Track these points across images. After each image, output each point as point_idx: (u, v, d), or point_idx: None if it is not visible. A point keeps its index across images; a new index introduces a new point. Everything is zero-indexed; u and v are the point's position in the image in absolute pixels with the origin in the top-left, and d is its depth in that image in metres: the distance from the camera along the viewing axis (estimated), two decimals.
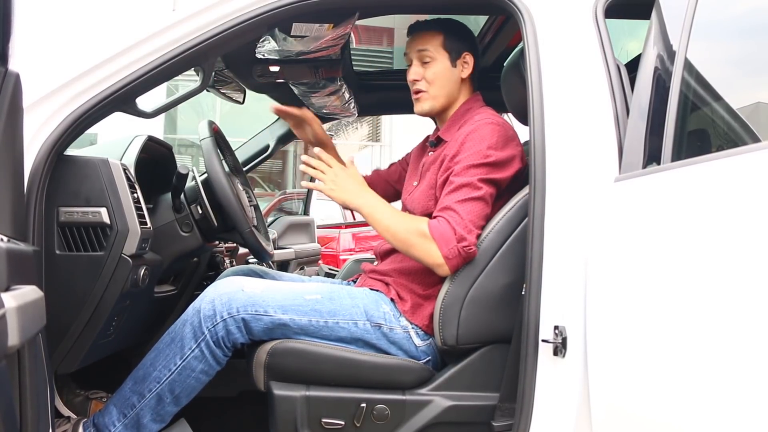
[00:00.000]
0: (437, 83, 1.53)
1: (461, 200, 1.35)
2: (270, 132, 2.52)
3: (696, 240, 0.87)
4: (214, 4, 1.25)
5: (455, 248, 1.31)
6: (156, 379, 1.35)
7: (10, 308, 0.68)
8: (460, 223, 1.32)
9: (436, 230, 1.33)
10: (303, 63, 1.77)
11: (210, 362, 1.34)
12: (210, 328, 1.33)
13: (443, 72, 1.53)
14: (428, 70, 1.53)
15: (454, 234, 1.31)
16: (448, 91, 1.54)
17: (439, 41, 1.53)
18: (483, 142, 1.38)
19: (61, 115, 1.17)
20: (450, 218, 1.33)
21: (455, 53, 1.53)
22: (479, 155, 1.37)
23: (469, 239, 1.32)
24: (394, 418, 1.32)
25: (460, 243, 1.31)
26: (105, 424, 1.36)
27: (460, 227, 1.32)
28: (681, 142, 1.00)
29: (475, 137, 1.40)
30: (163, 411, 1.36)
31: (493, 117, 1.46)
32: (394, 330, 1.39)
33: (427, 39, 1.53)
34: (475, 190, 1.35)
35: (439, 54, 1.52)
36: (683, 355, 0.88)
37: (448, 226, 1.32)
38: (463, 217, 1.33)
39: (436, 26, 1.54)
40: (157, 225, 1.53)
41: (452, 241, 1.31)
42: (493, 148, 1.37)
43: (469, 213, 1.34)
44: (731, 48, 1.03)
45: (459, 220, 1.33)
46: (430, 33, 1.54)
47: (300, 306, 1.37)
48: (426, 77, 1.53)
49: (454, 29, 1.55)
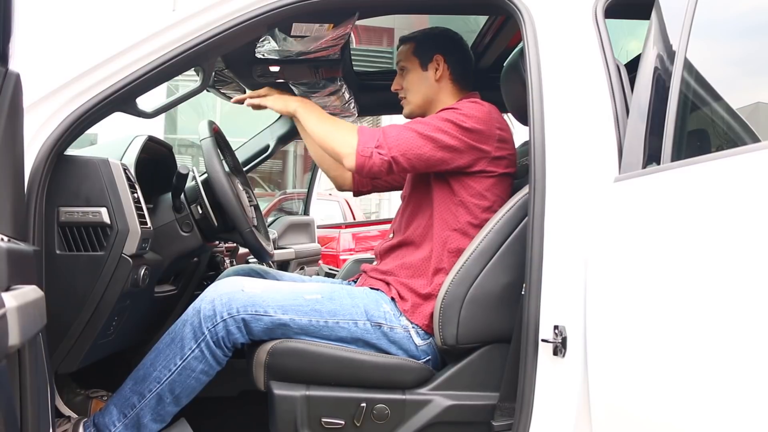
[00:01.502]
0: (412, 89, 1.63)
1: (407, 127, 1.42)
2: (270, 132, 2.52)
3: (696, 240, 0.87)
4: (214, 4, 1.25)
5: (370, 149, 1.39)
6: (156, 379, 1.35)
7: (11, 308, 0.68)
8: (390, 139, 1.40)
9: (365, 130, 1.42)
10: (303, 63, 1.77)
11: (210, 362, 1.34)
12: (210, 329, 1.33)
13: (415, 77, 1.62)
14: (405, 78, 1.64)
15: (376, 140, 1.39)
16: (424, 94, 1.62)
17: (410, 50, 1.63)
18: (465, 109, 1.44)
19: (62, 115, 1.17)
20: (385, 130, 1.41)
21: (425, 57, 1.61)
22: (456, 115, 1.43)
23: (387, 152, 1.39)
24: (394, 417, 1.32)
25: (378, 148, 1.39)
26: (105, 423, 1.36)
27: (388, 141, 1.39)
28: (681, 142, 1.01)
29: (459, 104, 1.48)
30: (164, 411, 1.36)
31: (480, 101, 1.52)
32: (395, 329, 1.40)
33: (402, 51, 1.65)
34: (427, 128, 1.41)
35: (410, 62, 1.63)
36: (683, 354, 0.88)
37: (380, 132, 1.41)
38: (397, 138, 1.40)
39: (411, 37, 1.65)
40: (157, 225, 1.53)
41: (371, 142, 1.39)
42: (472, 117, 1.43)
43: (407, 140, 1.40)
44: (731, 48, 1.03)
45: (392, 136, 1.40)
46: (405, 45, 1.65)
47: (300, 306, 1.37)
48: (404, 86, 1.65)
49: (426, 36, 1.64)
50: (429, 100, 1.62)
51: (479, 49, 2.03)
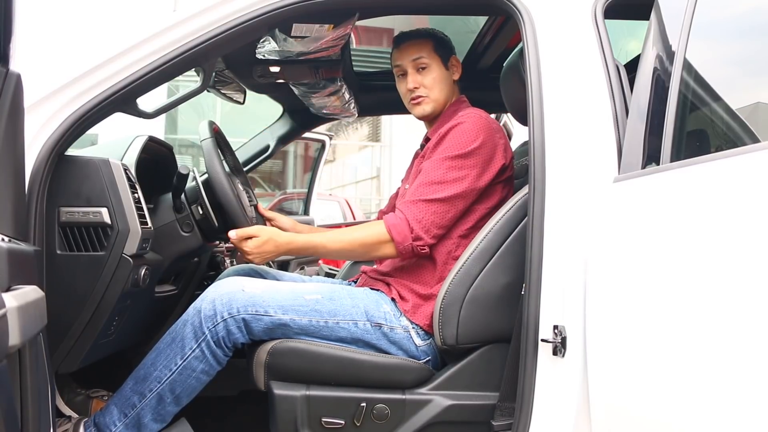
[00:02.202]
0: (436, 87, 1.57)
1: (427, 199, 1.41)
2: (270, 132, 2.52)
3: (695, 240, 0.87)
4: (214, 5, 1.25)
5: (409, 246, 1.40)
6: (157, 379, 1.35)
7: (11, 308, 0.68)
8: (421, 221, 1.40)
9: (394, 229, 1.41)
10: (303, 63, 1.77)
11: (210, 362, 1.34)
12: (210, 328, 1.33)
13: (440, 75, 1.58)
14: (426, 76, 1.57)
15: (411, 233, 1.40)
16: (446, 94, 1.60)
17: (430, 47, 1.57)
18: (464, 134, 1.43)
19: (62, 115, 1.18)
20: (410, 216, 1.41)
21: (445, 57, 1.59)
22: (458, 146, 1.42)
23: (425, 240, 1.39)
24: (394, 417, 1.32)
25: (416, 242, 1.39)
26: (106, 423, 1.36)
27: (419, 226, 1.40)
28: (680, 142, 1.01)
29: (457, 130, 1.45)
30: (164, 411, 1.36)
31: (476, 111, 1.51)
32: (395, 330, 1.40)
33: (420, 46, 1.57)
34: (442, 188, 1.40)
35: (434, 59, 1.57)
36: (682, 354, 0.88)
37: (406, 225, 1.40)
38: (425, 216, 1.40)
39: (424, 34, 1.59)
40: (157, 225, 1.53)
41: (407, 240, 1.40)
42: (474, 139, 1.42)
43: (432, 213, 1.40)
44: (730, 48, 1.03)
45: (420, 218, 1.40)
46: (420, 41, 1.58)
47: (300, 306, 1.37)
48: (425, 84, 1.57)
49: (438, 36, 1.61)
50: (448, 100, 1.61)
51: (479, 49, 2.03)
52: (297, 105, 2.24)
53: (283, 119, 2.51)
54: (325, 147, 3.38)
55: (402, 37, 1.62)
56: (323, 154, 3.41)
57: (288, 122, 2.51)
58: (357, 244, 1.45)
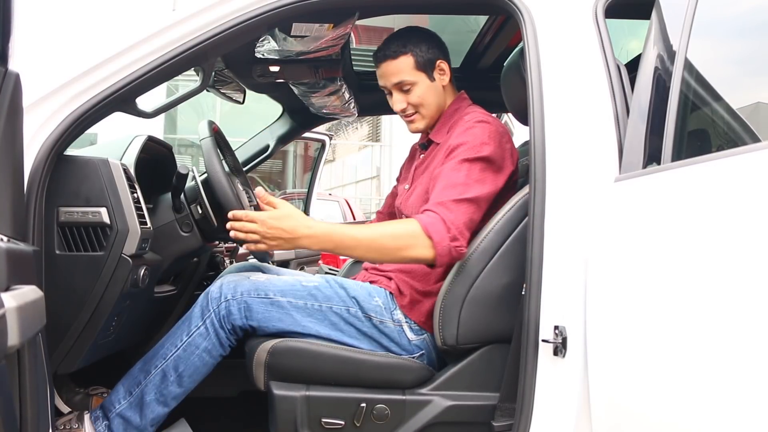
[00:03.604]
0: (425, 103, 1.52)
1: (456, 199, 1.34)
2: (270, 132, 2.52)
3: (696, 240, 0.87)
4: (214, 4, 1.25)
5: (447, 246, 1.30)
6: (162, 356, 1.40)
7: (10, 308, 0.68)
8: (455, 222, 1.31)
9: (431, 227, 1.30)
10: (303, 63, 1.77)
11: (213, 341, 1.38)
12: (215, 308, 1.39)
13: (426, 91, 1.51)
14: (411, 95, 1.51)
15: (448, 232, 1.30)
16: (437, 104, 1.54)
17: (410, 65, 1.49)
18: (476, 138, 1.39)
19: (61, 115, 1.17)
20: (444, 216, 1.32)
21: (429, 67, 1.51)
22: (473, 150, 1.38)
23: (461, 241, 1.32)
24: (394, 417, 1.32)
25: (453, 242, 1.31)
26: (111, 401, 1.40)
27: (454, 227, 1.31)
28: (681, 142, 1.00)
29: (467, 134, 1.40)
30: (166, 390, 1.38)
31: (483, 115, 1.47)
32: (385, 323, 1.42)
33: (399, 68, 1.49)
34: (468, 189, 1.36)
35: (417, 77, 1.50)
36: (683, 355, 0.87)
37: (443, 225, 1.31)
38: (458, 217, 1.33)
39: (402, 48, 1.49)
40: (157, 225, 1.53)
41: (446, 240, 1.30)
42: (486, 143, 1.39)
43: (464, 214, 1.34)
44: (731, 48, 1.03)
45: (453, 219, 1.32)
46: (399, 59, 1.49)
47: (298, 291, 1.42)
48: (412, 102, 1.52)
49: (420, 44, 1.50)
50: (441, 109, 1.56)
51: (479, 49, 2.03)
52: (297, 105, 2.24)
53: (283, 119, 2.51)
54: (325, 147, 3.38)
55: (380, 57, 1.52)
56: (323, 154, 3.41)
57: (288, 122, 2.51)
58: (389, 237, 1.32)
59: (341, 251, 1.36)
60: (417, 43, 1.50)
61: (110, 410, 1.39)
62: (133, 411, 1.38)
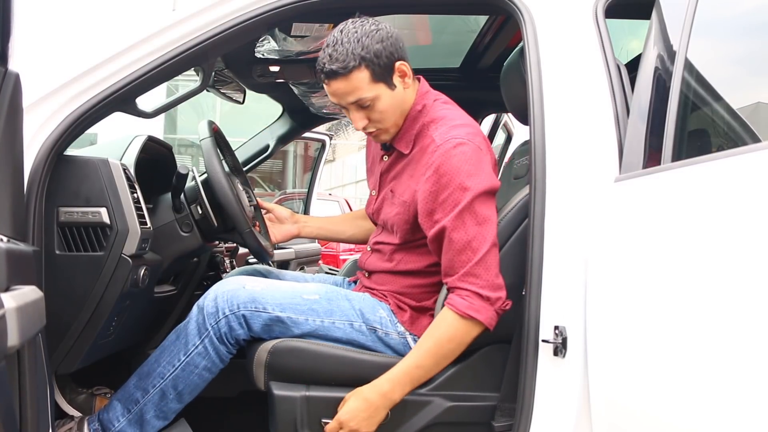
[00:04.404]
0: (387, 115, 1.34)
1: (478, 261, 1.25)
2: (270, 132, 2.52)
3: (696, 240, 0.87)
4: (214, 4, 1.25)
5: (493, 314, 1.26)
6: (160, 375, 1.36)
7: (10, 308, 0.68)
8: (488, 282, 1.25)
9: (471, 310, 1.24)
10: (303, 63, 1.77)
11: (213, 359, 1.35)
12: (213, 325, 1.34)
13: (388, 102, 1.32)
14: (373, 111, 1.33)
15: (488, 302, 1.25)
16: (402, 112, 1.37)
17: (366, 79, 1.28)
18: (460, 173, 1.26)
19: (61, 115, 1.17)
20: (476, 285, 1.25)
21: (388, 75, 1.31)
22: (463, 191, 1.25)
23: (500, 292, 1.26)
24: (394, 418, 1.32)
25: (496, 305, 1.26)
26: (109, 419, 1.37)
27: (489, 288, 1.25)
28: (681, 142, 1.00)
29: (449, 171, 1.26)
30: (166, 408, 1.37)
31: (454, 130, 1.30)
32: (390, 335, 1.39)
33: (354, 85, 1.28)
34: (482, 238, 1.26)
35: (376, 90, 1.30)
36: (683, 355, 0.87)
37: (479, 299, 1.25)
38: (488, 274, 1.26)
39: (353, 61, 1.26)
40: (157, 225, 1.52)
41: (489, 311, 1.25)
42: (472, 175, 1.26)
43: (491, 266, 1.26)
44: (731, 48, 1.03)
45: (485, 282, 1.25)
46: (352, 75, 1.27)
47: (298, 305, 1.37)
48: (373, 118, 1.34)
49: (371, 49, 1.27)
50: (403, 113, 1.37)
51: (479, 49, 2.03)
52: (297, 104, 2.24)
53: (283, 119, 2.51)
54: (325, 147, 3.38)
55: (328, 73, 1.28)
56: (323, 154, 3.41)
57: (288, 122, 2.51)
58: (446, 342, 1.26)
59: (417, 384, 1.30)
60: (368, 50, 1.27)
61: (109, 428, 1.37)
62: (133, 428, 1.37)
